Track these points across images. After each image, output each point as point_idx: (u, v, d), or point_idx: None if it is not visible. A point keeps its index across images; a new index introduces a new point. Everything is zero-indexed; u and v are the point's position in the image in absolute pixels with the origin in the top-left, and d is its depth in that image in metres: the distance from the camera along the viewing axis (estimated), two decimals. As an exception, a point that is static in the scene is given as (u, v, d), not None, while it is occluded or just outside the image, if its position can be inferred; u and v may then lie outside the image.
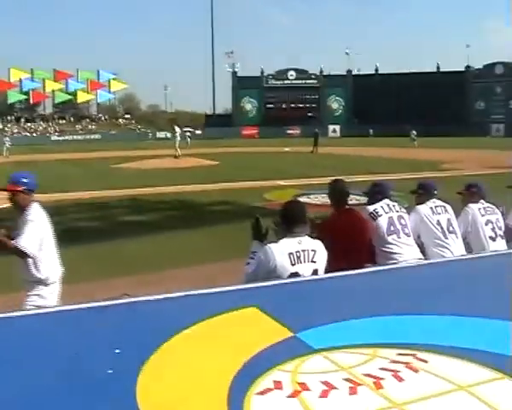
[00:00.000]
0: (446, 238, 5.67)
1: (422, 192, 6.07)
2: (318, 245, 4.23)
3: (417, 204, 5.92)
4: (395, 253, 5.28)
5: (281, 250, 4.03)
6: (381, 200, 5.74)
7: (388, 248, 5.32)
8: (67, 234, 11.89)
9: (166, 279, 8.19)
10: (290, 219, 4.22)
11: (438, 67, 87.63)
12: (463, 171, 23.82)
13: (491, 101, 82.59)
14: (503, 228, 6.07)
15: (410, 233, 5.50)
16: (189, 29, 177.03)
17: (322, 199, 15.57)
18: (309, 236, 4.24)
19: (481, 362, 2.45)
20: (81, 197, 18.10)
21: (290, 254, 4.04)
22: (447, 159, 30.49)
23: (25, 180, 4.93)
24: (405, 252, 5.30)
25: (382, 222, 5.39)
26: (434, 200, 5.93)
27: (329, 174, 21.47)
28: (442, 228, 5.71)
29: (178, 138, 41.19)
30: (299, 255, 4.07)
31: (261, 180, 21.26)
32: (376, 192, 5.94)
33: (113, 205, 16.66)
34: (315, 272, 4.10)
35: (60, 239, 5.11)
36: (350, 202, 5.55)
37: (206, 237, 11.63)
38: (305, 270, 4.05)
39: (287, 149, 45.28)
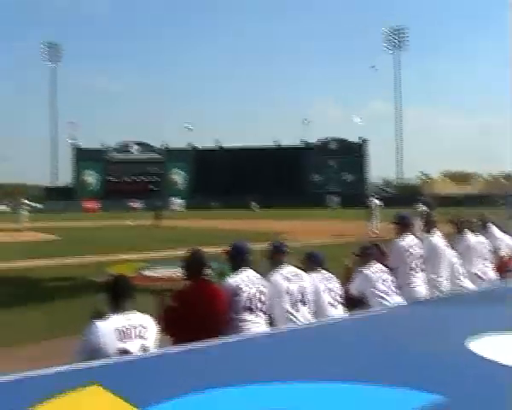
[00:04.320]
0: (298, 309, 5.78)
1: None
2: (149, 321, 4.17)
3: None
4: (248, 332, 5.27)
5: (107, 327, 3.93)
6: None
7: (243, 324, 5.32)
8: None
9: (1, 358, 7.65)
10: (117, 295, 4.14)
11: (276, 142, 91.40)
12: (302, 241, 24.67)
13: (327, 174, 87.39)
14: (341, 295, 6.29)
15: (267, 310, 5.55)
16: (30, 99, 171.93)
17: (167, 272, 15.42)
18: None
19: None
20: None
21: (117, 330, 3.94)
22: (286, 230, 31.49)
23: None
24: (258, 331, 5.31)
25: (242, 298, 5.38)
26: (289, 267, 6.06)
27: (173, 247, 21.46)
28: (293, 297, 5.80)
29: (23, 211, 39.83)
30: (128, 331, 3.98)
31: (103, 254, 20.71)
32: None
33: None
34: (144, 348, 4.01)
35: None
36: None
37: (44, 314, 11.05)
38: (133, 346, 3.96)
39: (129, 223, 44.68)
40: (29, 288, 14.56)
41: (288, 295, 5.75)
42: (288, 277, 5.87)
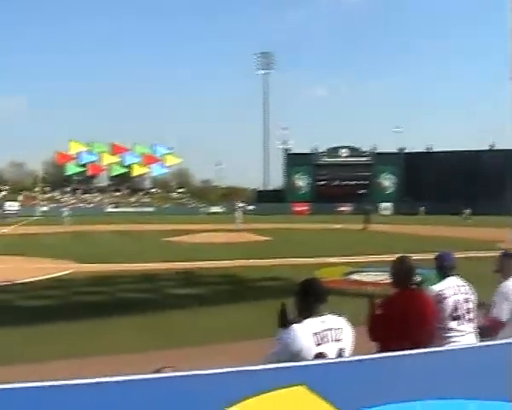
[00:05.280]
0: None
1: None
2: (343, 323, 4.11)
3: None
4: (453, 340, 5.11)
5: (305, 331, 3.91)
6: None
7: (448, 333, 5.18)
8: (116, 305, 12.04)
9: (214, 354, 8.11)
10: (313, 298, 4.14)
11: (492, 145, 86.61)
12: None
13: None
14: None
15: (474, 319, 5.34)
16: (244, 106, 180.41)
17: (375, 277, 15.34)
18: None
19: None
20: (132, 269, 18.25)
21: (315, 334, 3.91)
22: (503, 238, 29.85)
23: None
24: (464, 340, 5.12)
25: (447, 305, 5.26)
26: None
27: (381, 252, 21.29)
28: None
29: (238, 213, 42.57)
30: (324, 335, 3.94)
31: (312, 257, 21.11)
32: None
33: (164, 277, 16.79)
34: (340, 351, 3.95)
35: (107, 309, 5.09)
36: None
37: (256, 313, 11.51)
38: (330, 350, 3.89)
39: (338, 226, 45.06)
40: (244, 286, 15.34)
41: None
42: None
